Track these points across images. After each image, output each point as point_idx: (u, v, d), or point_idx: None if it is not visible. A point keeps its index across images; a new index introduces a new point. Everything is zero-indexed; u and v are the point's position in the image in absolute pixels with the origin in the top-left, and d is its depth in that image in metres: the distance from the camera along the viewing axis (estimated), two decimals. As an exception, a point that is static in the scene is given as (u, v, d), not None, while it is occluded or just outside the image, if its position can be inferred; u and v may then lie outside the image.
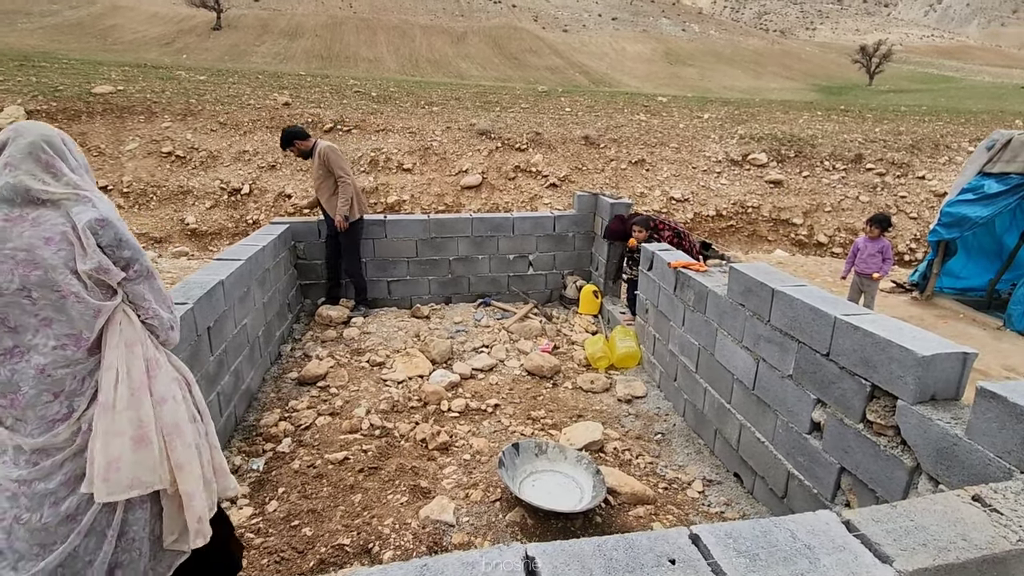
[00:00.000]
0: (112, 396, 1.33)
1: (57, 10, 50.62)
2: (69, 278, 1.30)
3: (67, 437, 1.32)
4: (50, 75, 13.72)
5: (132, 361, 1.37)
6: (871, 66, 53.94)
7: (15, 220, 1.29)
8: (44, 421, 1.31)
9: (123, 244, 1.38)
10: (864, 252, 5.28)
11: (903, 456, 1.95)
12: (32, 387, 1.30)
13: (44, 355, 1.30)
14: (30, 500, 1.29)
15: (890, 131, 14.68)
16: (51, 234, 1.30)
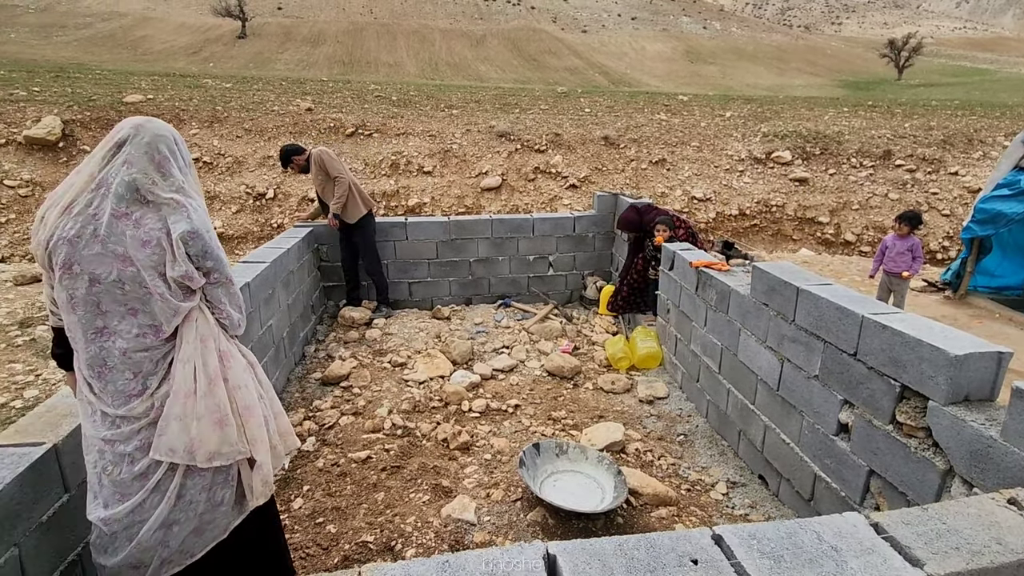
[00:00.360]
0: (192, 385, 1.51)
1: (90, 23, 52.34)
2: (156, 279, 1.45)
3: (142, 411, 1.50)
4: (84, 86, 14.20)
5: (207, 355, 1.54)
6: (900, 60, 52.52)
7: (121, 217, 1.43)
8: (123, 395, 1.49)
9: (207, 255, 1.52)
10: (893, 250, 5.14)
11: (935, 458, 1.89)
12: (115, 364, 1.47)
13: (127, 340, 1.47)
14: (112, 457, 1.50)
15: (921, 126, 14.28)
16: (148, 238, 1.44)
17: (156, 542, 1.52)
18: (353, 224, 4.83)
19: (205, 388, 1.53)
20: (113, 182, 1.44)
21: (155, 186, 1.47)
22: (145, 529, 1.50)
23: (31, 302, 4.73)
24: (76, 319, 1.46)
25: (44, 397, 3.31)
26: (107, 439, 1.49)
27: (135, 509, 1.50)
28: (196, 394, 1.51)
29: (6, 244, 9.29)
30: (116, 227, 1.42)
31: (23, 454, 1.56)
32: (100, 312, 1.45)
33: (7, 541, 1.43)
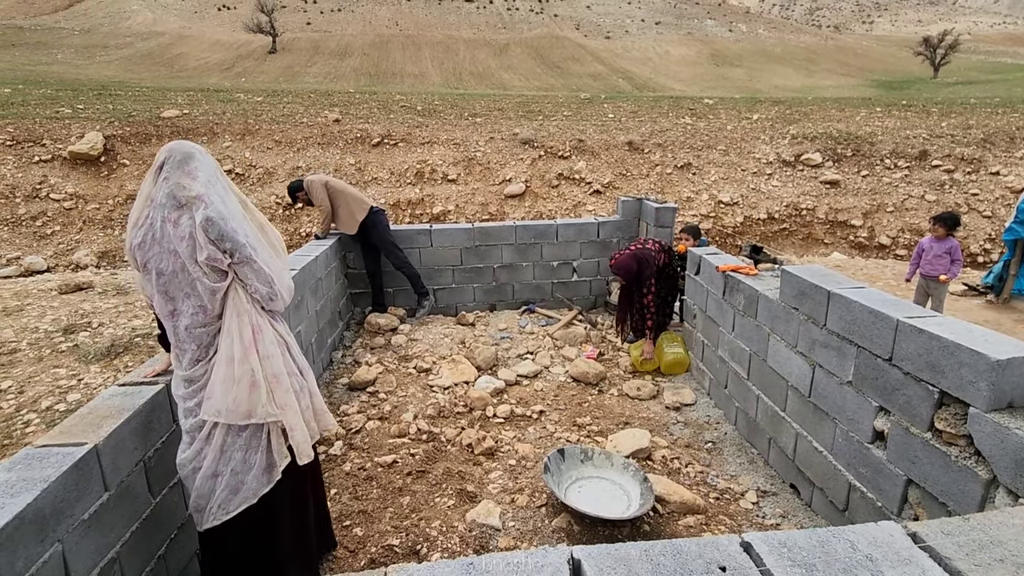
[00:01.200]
0: (231, 352, 1.81)
1: (130, 42, 54.60)
2: (195, 266, 1.77)
3: (201, 374, 1.84)
4: (124, 102, 14.81)
5: (242, 327, 1.83)
6: (936, 58, 50.93)
7: (167, 221, 1.76)
8: (191, 361, 1.84)
9: (224, 238, 1.76)
10: (930, 253, 4.96)
11: (977, 467, 1.82)
12: (184, 338, 1.82)
13: (188, 318, 1.81)
14: (183, 411, 1.88)
15: (959, 125, 13.81)
16: (183, 234, 1.75)
17: (207, 490, 1.85)
18: (360, 232, 4.91)
19: (241, 355, 1.81)
20: (160, 196, 1.77)
21: (185, 191, 1.76)
22: (200, 475, 1.84)
23: (74, 310, 4.93)
24: (158, 304, 1.82)
25: (85, 400, 3.44)
26: (181, 396, 1.87)
27: (195, 456, 1.85)
28: (234, 360, 1.80)
29: (51, 255, 9.72)
30: (165, 230, 1.75)
31: (67, 454, 1.62)
32: (169, 298, 1.80)
33: (52, 537, 1.49)
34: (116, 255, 10.02)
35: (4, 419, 3.31)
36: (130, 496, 1.85)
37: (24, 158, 10.97)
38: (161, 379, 2.10)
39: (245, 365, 1.80)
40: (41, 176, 10.71)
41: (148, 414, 1.96)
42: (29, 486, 1.47)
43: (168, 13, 69.77)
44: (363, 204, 4.94)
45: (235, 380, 1.79)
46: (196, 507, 1.88)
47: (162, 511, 2.03)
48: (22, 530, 1.39)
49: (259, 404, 1.81)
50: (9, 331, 4.41)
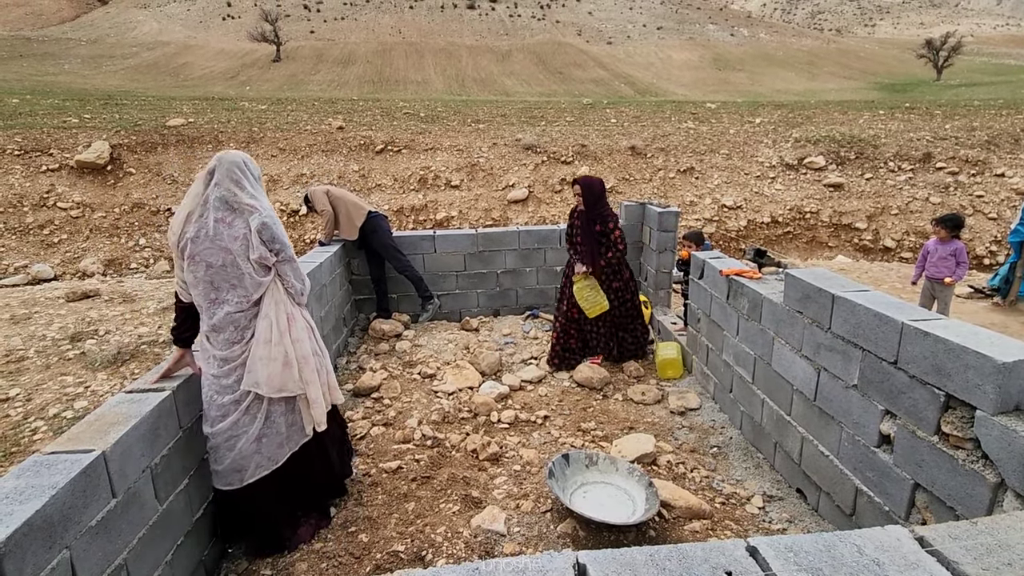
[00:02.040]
0: (269, 335, 2.13)
1: (136, 52, 55.14)
2: (245, 263, 2.08)
3: (238, 354, 2.13)
4: (131, 111, 14.95)
5: (279, 315, 2.16)
6: (939, 60, 50.88)
7: (220, 222, 2.06)
8: (227, 343, 2.13)
9: (275, 240, 2.13)
10: (934, 255, 4.94)
11: (985, 471, 1.81)
12: (224, 322, 2.10)
13: (231, 305, 2.10)
14: (218, 388, 2.14)
15: (963, 127, 13.78)
16: (237, 235, 2.07)
17: (252, 451, 2.18)
18: (360, 238, 4.93)
19: (277, 338, 2.13)
20: (212, 198, 2.07)
21: (235, 197, 2.08)
22: (243, 441, 2.16)
23: (81, 317, 4.97)
24: (199, 292, 2.09)
25: (92, 407, 3.46)
26: (216, 375, 2.13)
27: (232, 426, 2.14)
28: (271, 342, 2.13)
29: (58, 263, 9.79)
30: (218, 229, 2.05)
31: (75, 460, 1.63)
32: (214, 288, 2.08)
33: (60, 544, 1.50)
34: (122, 263, 10.09)
35: (12, 426, 3.33)
36: (137, 503, 1.86)
37: (32, 167, 11.08)
38: (169, 384, 2.12)
39: (280, 347, 2.13)
40: (48, 185, 10.82)
41: (155, 421, 1.98)
42: (38, 493, 1.48)
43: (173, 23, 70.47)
44: (361, 209, 4.96)
45: (271, 359, 2.12)
46: (235, 468, 2.17)
47: (169, 518, 2.04)
48: (31, 536, 1.40)
49: (291, 380, 2.17)
50: (17, 339, 4.45)
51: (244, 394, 2.14)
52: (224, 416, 2.14)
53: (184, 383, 2.17)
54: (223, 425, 2.13)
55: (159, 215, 10.89)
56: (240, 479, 2.20)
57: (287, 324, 2.17)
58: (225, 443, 2.14)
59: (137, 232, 10.61)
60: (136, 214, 10.82)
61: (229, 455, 2.15)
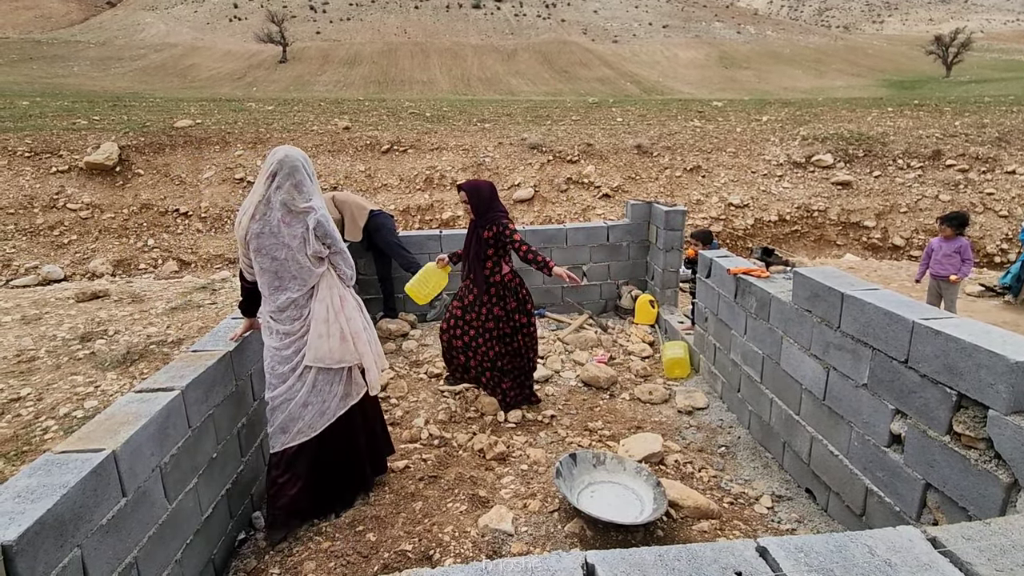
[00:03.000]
0: (325, 315, 2.43)
1: (144, 54, 55.52)
2: (303, 257, 2.36)
3: (297, 328, 2.42)
4: (139, 113, 15.05)
5: (333, 297, 2.46)
6: (948, 56, 50.36)
7: (281, 222, 2.32)
8: (290, 319, 2.42)
9: (328, 235, 2.40)
10: (939, 253, 4.91)
11: (998, 471, 1.79)
12: (286, 304, 2.40)
13: (291, 292, 2.40)
14: (278, 359, 2.45)
15: (972, 124, 13.64)
16: (296, 234, 2.34)
17: (297, 415, 2.44)
18: (365, 237, 4.94)
19: (332, 317, 2.44)
20: (275, 201, 2.32)
21: (294, 201, 2.33)
22: (293, 404, 2.43)
23: (91, 318, 5.01)
24: (264, 281, 2.40)
25: (102, 407, 3.49)
26: (277, 347, 2.44)
27: (287, 391, 2.44)
28: (328, 321, 2.43)
29: (68, 263, 9.88)
30: (280, 228, 2.32)
31: (86, 460, 1.64)
32: (277, 277, 2.38)
33: (71, 542, 1.51)
34: (131, 264, 10.17)
35: (23, 425, 3.36)
36: (147, 502, 1.87)
37: (42, 169, 11.19)
38: (178, 384, 2.13)
39: (336, 325, 2.44)
40: (58, 186, 10.91)
41: (164, 420, 1.99)
42: (49, 491, 1.50)
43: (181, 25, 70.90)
44: (363, 210, 4.96)
45: (329, 335, 2.43)
46: (283, 428, 2.45)
47: (178, 517, 2.05)
48: (43, 535, 1.41)
49: (347, 352, 2.48)
50: (28, 339, 4.49)
51: (299, 363, 2.44)
52: (282, 382, 2.45)
53: (192, 384, 2.19)
54: (280, 389, 2.44)
55: (167, 216, 10.96)
56: (282, 443, 2.46)
57: (340, 305, 2.47)
58: (279, 406, 2.45)
59: (146, 233, 10.68)
60: (144, 215, 10.90)
61: (280, 416, 2.45)
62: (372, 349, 2.60)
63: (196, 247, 10.54)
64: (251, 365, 2.72)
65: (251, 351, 2.71)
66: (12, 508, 1.43)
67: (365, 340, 2.55)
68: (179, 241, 10.63)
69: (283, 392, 2.43)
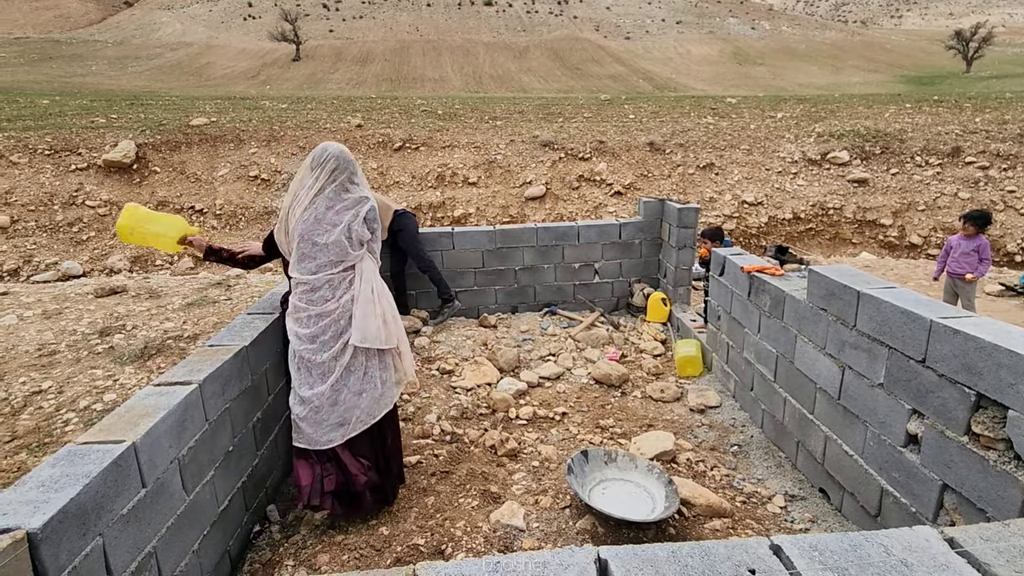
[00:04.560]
0: (370, 296, 2.45)
1: (160, 53, 56.20)
2: (344, 240, 2.40)
3: (332, 309, 2.41)
4: (155, 111, 15.26)
5: (375, 279, 2.51)
6: (968, 52, 49.42)
7: (331, 208, 2.40)
8: (323, 300, 2.41)
9: (374, 220, 2.50)
10: (957, 251, 4.83)
11: (1017, 472, 1.76)
12: (321, 281, 2.40)
13: (327, 273, 2.40)
14: (315, 348, 2.41)
15: (994, 120, 13.38)
16: (342, 219, 2.40)
17: (353, 405, 2.43)
18: (388, 236, 4.96)
19: (375, 299, 2.47)
20: (328, 190, 2.40)
21: (348, 190, 2.44)
22: (345, 393, 2.42)
23: (109, 313, 5.10)
24: (304, 267, 2.40)
25: (121, 400, 3.55)
26: (312, 334, 2.39)
27: (334, 383, 2.40)
28: (373, 302, 2.46)
29: (87, 259, 10.05)
30: (327, 213, 2.39)
31: (107, 451, 1.68)
32: (314, 259, 2.40)
33: (93, 531, 1.55)
34: (148, 260, 10.32)
35: (45, 417, 3.44)
36: (165, 493, 1.91)
37: (62, 167, 11.39)
38: (196, 378, 2.16)
39: (378, 307, 2.46)
40: (77, 184, 11.11)
41: (182, 413, 2.02)
42: (72, 481, 1.53)
43: (196, 24, 71.65)
44: (388, 209, 4.99)
45: (375, 315, 2.44)
46: (339, 422, 2.43)
47: (196, 508, 2.08)
48: (66, 523, 1.44)
49: (391, 335, 2.49)
50: (49, 333, 4.58)
51: (341, 350, 2.41)
52: (324, 375, 2.41)
53: (209, 378, 2.22)
54: (323, 387, 2.39)
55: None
56: (342, 435, 2.44)
57: (382, 288, 2.53)
58: (328, 400, 2.40)
59: (162, 230, 10.83)
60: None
61: (334, 410, 2.41)
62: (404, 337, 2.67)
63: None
64: (266, 360, 2.75)
65: (266, 347, 2.74)
66: (36, 497, 1.46)
67: (402, 326, 2.60)
68: (195, 238, 10.77)
69: (328, 387, 2.37)
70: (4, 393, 3.66)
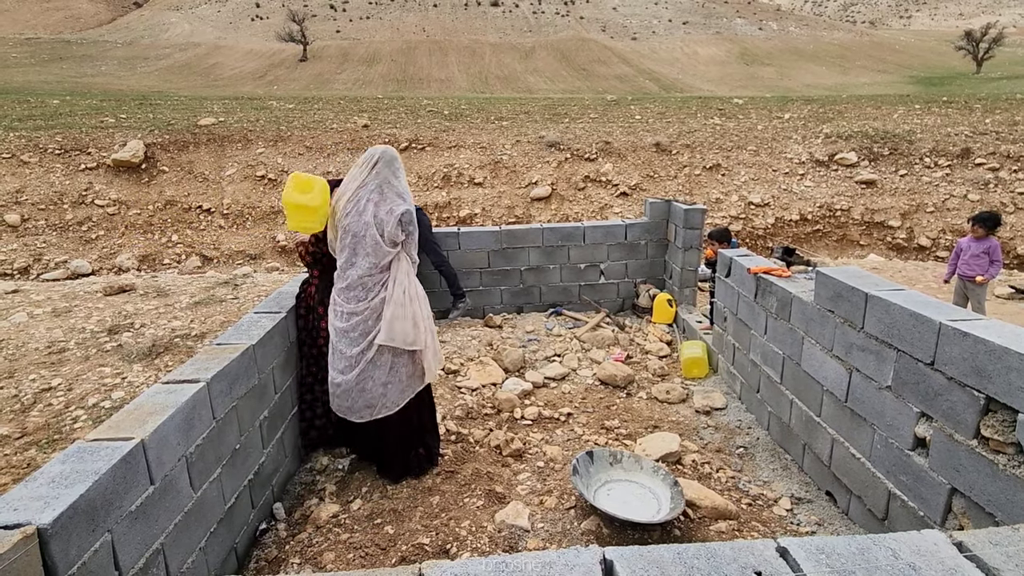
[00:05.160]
0: (402, 298, 2.60)
1: (169, 53, 56.60)
2: (379, 237, 2.58)
3: (363, 309, 2.61)
4: (164, 111, 15.36)
5: (410, 283, 2.64)
6: (979, 52, 49.01)
7: (371, 201, 2.58)
8: (356, 299, 2.62)
9: (410, 223, 2.63)
10: (967, 253, 4.80)
11: (1027, 477, 1.75)
12: (355, 283, 2.61)
13: (361, 269, 2.60)
14: (346, 340, 2.65)
15: (1004, 121, 13.27)
16: (379, 214, 2.57)
17: (379, 395, 2.68)
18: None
19: (407, 301, 2.60)
20: (371, 183, 2.61)
21: (390, 185, 2.64)
22: (372, 385, 2.66)
23: (118, 311, 5.14)
24: (344, 258, 2.63)
25: (129, 398, 3.58)
26: (344, 328, 2.64)
27: (359, 376, 2.65)
28: (404, 304, 2.59)
29: (96, 258, 10.13)
30: (368, 208, 2.57)
31: (116, 448, 1.69)
32: (353, 252, 2.60)
33: (102, 527, 1.56)
34: (155, 259, 10.39)
35: (55, 415, 3.47)
36: (173, 490, 1.92)
37: (71, 166, 11.49)
38: (203, 376, 2.17)
39: (409, 309, 2.61)
40: (87, 183, 11.20)
41: (190, 411, 2.04)
42: (82, 477, 1.54)
43: (204, 24, 72.11)
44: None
45: (404, 318, 2.59)
46: (366, 405, 2.69)
47: (203, 505, 2.10)
48: (75, 519, 1.46)
49: (419, 336, 2.64)
50: (58, 331, 4.62)
51: (368, 347, 2.62)
52: (352, 366, 2.64)
53: (216, 376, 2.23)
54: (351, 376, 2.65)
55: (190, 212, 11.18)
56: (371, 414, 2.72)
57: (415, 292, 2.66)
58: (356, 386, 2.67)
59: (170, 229, 10.91)
60: (169, 211, 11.13)
61: (362, 396, 2.67)
62: (432, 341, 2.79)
63: (218, 243, 10.74)
64: (273, 359, 2.77)
65: (273, 345, 2.76)
66: (47, 493, 1.48)
67: (431, 328, 2.74)
68: (202, 237, 10.84)
69: (355, 377, 2.64)
70: (14, 390, 3.70)
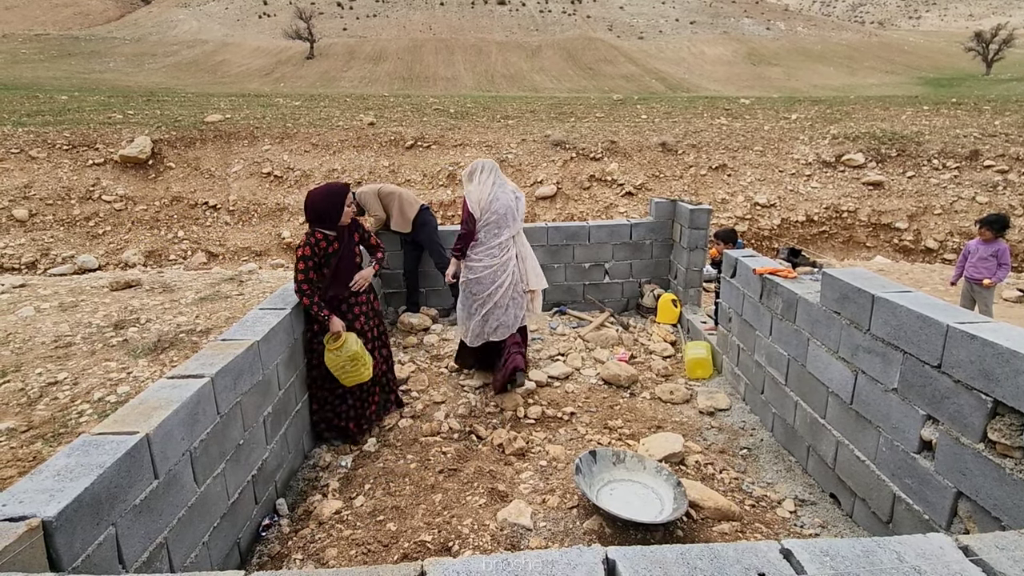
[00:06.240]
0: (533, 255, 3.91)
1: (176, 50, 56.81)
2: (514, 214, 3.74)
3: (498, 263, 3.69)
4: (171, 108, 15.42)
5: (525, 248, 3.87)
6: (988, 53, 48.56)
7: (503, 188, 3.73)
8: (495, 255, 3.69)
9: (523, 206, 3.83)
10: (975, 256, 4.76)
11: (1034, 481, 1.73)
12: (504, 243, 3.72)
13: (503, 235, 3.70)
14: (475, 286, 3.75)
15: (1014, 123, 13.16)
16: (510, 200, 3.73)
17: (501, 317, 3.73)
18: (411, 232, 5.00)
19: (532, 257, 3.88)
20: (498, 183, 3.72)
21: (505, 182, 3.76)
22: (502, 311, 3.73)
23: (124, 306, 5.16)
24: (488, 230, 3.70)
25: (134, 392, 3.60)
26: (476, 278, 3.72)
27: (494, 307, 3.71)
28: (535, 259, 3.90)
29: (103, 253, 10.19)
30: (509, 200, 3.72)
31: (121, 442, 1.70)
32: (498, 226, 3.69)
33: (107, 520, 1.57)
34: (162, 255, 10.45)
35: (60, 408, 3.49)
36: (177, 484, 1.93)
37: (79, 161, 11.55)
38: (208, 371, 2.18)
39: (536, 264, 3.86)
40: (94, 179, 11.26)
41: (195, 406, 2.04)
42: (87, 471, 1.55)
43: (212, 21, 72.34)
44: (413, 204, 5.05)
45: (535, 270, 3.85)
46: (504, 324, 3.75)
47: (206, 500, 2.11)
48: (80, 512, 1.47)
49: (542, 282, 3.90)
50: (65, 325, 4.65)
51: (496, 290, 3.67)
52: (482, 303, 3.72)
53: (221, 371, 2.24)
54: (489, 306, 3.70)
55: (197, 208, 11.22)
56: (504, 333, 3.74)
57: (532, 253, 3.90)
58: (493, 313, 3.71)
59: (176, 225, 10.96)
60: (175, 207, 11.18)
61: (496, 322, 3.72)
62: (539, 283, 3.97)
63: (224, 239, 10.78)
64: (277, 355, 2.77)
65: (278, 341, 2.77)
66: (52, 486, 1.49)
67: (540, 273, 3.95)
68: (208, 233, 10.88)
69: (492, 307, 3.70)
70: (21, 384, 3.73)
